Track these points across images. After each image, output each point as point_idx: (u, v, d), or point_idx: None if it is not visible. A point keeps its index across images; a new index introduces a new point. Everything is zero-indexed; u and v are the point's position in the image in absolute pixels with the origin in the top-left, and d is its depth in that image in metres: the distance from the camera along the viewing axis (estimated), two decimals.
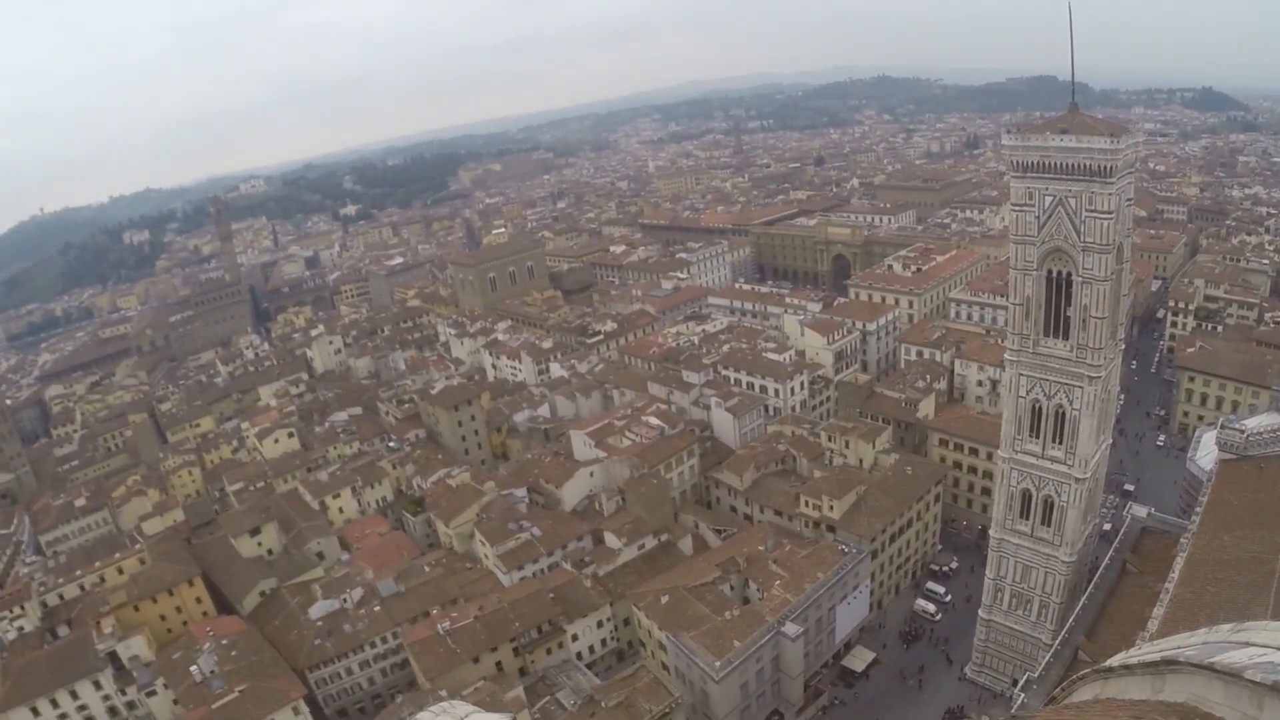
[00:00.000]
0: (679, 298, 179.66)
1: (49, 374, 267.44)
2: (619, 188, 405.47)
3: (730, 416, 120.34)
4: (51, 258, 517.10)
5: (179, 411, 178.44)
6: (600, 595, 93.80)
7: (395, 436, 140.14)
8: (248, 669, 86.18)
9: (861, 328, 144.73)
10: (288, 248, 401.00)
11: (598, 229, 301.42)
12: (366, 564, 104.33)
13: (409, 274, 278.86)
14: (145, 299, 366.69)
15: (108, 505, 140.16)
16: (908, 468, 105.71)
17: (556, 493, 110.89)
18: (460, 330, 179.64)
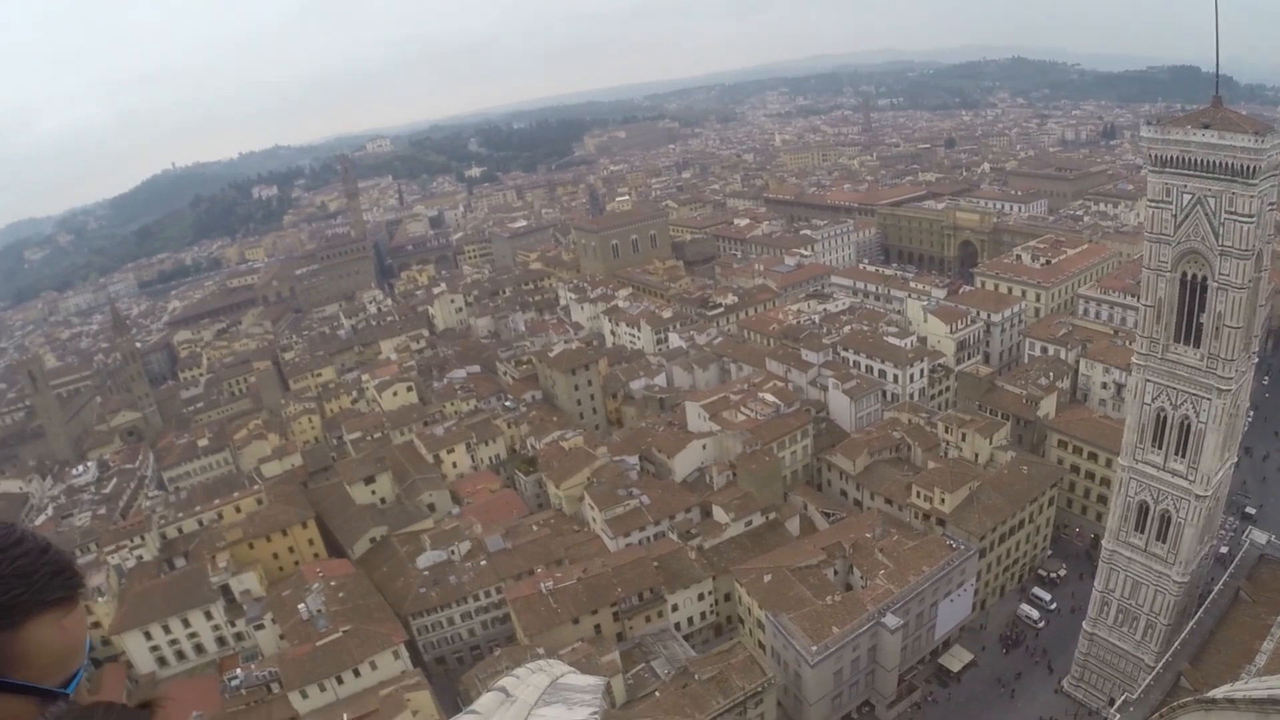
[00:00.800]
0: (801, 275, 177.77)
1: (178, 320, 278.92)
2: (745, 160, 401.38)
3: (847, 399, 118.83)
4: (182, 210, 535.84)
5: (301, 361, 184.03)
6: (703, 568, 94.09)
7: (512, 396, 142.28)
8: (353, 611, 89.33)
9: (986, 318, 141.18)
10: (412, 207, 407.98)
11: (722, 201, 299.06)
12: (476, 519, 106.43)
13: (532, 237, 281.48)
14: (272, 252, 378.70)
15: (229, 447, 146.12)
16: (1024, 467, 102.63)
17: (668, 463, 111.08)
18: (581, 295, 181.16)
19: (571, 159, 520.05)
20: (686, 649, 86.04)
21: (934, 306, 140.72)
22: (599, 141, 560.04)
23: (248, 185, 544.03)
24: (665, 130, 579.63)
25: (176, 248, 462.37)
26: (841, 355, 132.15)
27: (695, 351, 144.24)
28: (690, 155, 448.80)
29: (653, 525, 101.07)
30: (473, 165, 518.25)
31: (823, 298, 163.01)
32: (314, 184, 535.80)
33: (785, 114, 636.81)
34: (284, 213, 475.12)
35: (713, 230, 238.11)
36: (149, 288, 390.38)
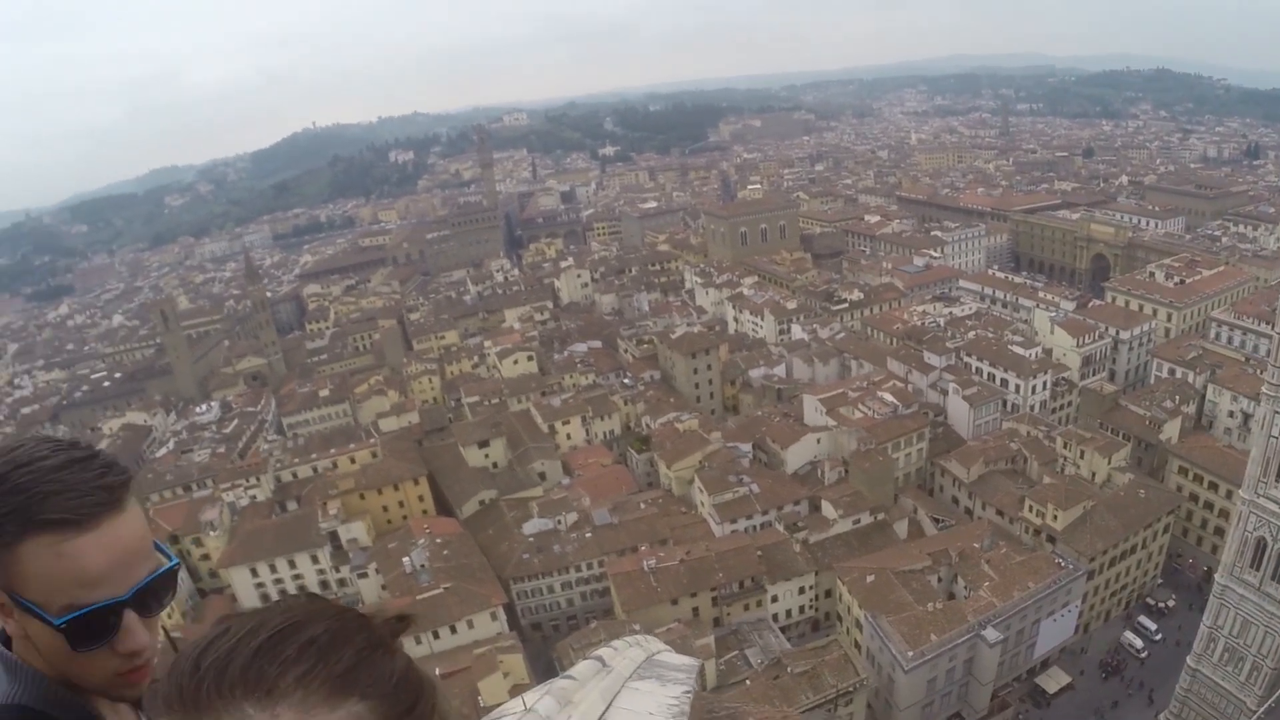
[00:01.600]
0: (929, 276, 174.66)
1: (308, 273, 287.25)
2: (879, 157, 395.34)
3: (966, 405, 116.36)
4: (320, 168, 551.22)
5: (426, 322, 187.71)
6: (807, 562, 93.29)
7: (631, 374, 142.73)
8: (456, 569, 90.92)
9: (1114, 334, 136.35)
10: (545, 181, 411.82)
11: (854, 196, 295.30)
12: (585, 491, 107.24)
13: (661, 219, 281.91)
14: (405, 215, 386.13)
15: (349, 399, 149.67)
16: (1141, 490, 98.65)
17: (781, 453, 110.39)
18: (707, 280, 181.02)
19: (706, 144, 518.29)
20: (782, 641, 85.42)
21: (1062, 318, 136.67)
22: (734, 128, 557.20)
23: (385, 148, 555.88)
24: (800, 121, 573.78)
25: (312, 204, 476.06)
26: (964, 360, 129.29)
27: (817, 345, 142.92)
28: (824, 148, 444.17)
29: (760, 514, 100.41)
30: (607, 144, 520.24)
31: (949, 301, 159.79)
32: (450, 151, 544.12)
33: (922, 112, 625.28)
34: (419, 177, 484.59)
35: (843, 225, 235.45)
36: (283, 240, 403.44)
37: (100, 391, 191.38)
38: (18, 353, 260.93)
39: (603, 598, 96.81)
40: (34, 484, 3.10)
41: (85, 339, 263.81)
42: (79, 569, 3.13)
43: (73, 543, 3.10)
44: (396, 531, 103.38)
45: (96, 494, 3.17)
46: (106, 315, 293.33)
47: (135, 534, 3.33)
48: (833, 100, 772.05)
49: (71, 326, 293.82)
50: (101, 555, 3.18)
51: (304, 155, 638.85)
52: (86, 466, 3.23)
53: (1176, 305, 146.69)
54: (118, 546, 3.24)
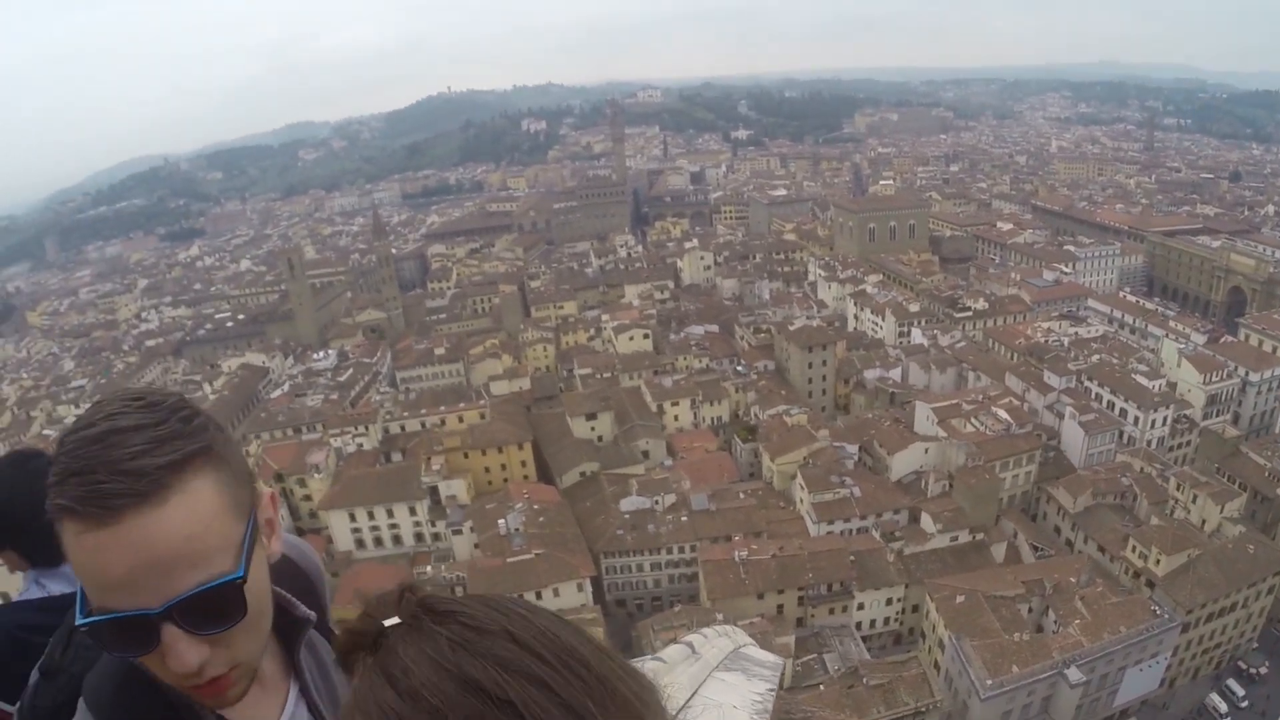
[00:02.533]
0: (1057, 292, 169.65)
1: (434, 234, 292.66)
2: (1016, 162, 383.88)
3: (1081, 432, 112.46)
4: (452, 132, 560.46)
5: (546, 291, 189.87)
6: (899, 573, 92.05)
7: (745, 362, 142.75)
8: (549, 537, 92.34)
9: (1244, 375, 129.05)
10: (675, 160, 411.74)
11: (987, 201, 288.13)
12: (686, 474, 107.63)
13: (789, 207, 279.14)
14: (533, 183, 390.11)
15: (463, 359, 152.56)
16: (1250, 545, 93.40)
17: (886, 459, 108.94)
18: (830, 274, 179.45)
19: (840, 134, 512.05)
20: (862, 650, 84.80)
21: (1191, 352, 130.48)
22: (870, 121, 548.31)
23: (518, 116, 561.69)
24: (938, 119, 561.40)
25: (442, 166, 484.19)
26: (1084, 385, 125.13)
27: (936, 351, 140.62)
28: (961, 148, 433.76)
29: (858, 518, 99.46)
30: (740, 127, 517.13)
31: (1076, 320, 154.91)
32: (581, 124, 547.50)
33: (1064, 119, 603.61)
34: (549, 147, 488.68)
35: (973, 230, 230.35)
36: (411, 200, 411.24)
37: (223, 331, 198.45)
38: (147, 288, 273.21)
39: (690, 582, 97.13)
40: (67, 456, 2.54)
41: (212, 280, 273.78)
42: (96, 568, 2.52)
43: (90, 537, 2.49)
44: (495, 493, 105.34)
45: (118, 480, 2.49)
46: (235, 259, 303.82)
47: (177, 533, 2.57)
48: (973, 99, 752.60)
49: (200, 267, 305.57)
50: (123, 556, 2.51)
51: (437, 118, 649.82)
52: (128, 439, 2.56)
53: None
54: (147, 548, 2.53)
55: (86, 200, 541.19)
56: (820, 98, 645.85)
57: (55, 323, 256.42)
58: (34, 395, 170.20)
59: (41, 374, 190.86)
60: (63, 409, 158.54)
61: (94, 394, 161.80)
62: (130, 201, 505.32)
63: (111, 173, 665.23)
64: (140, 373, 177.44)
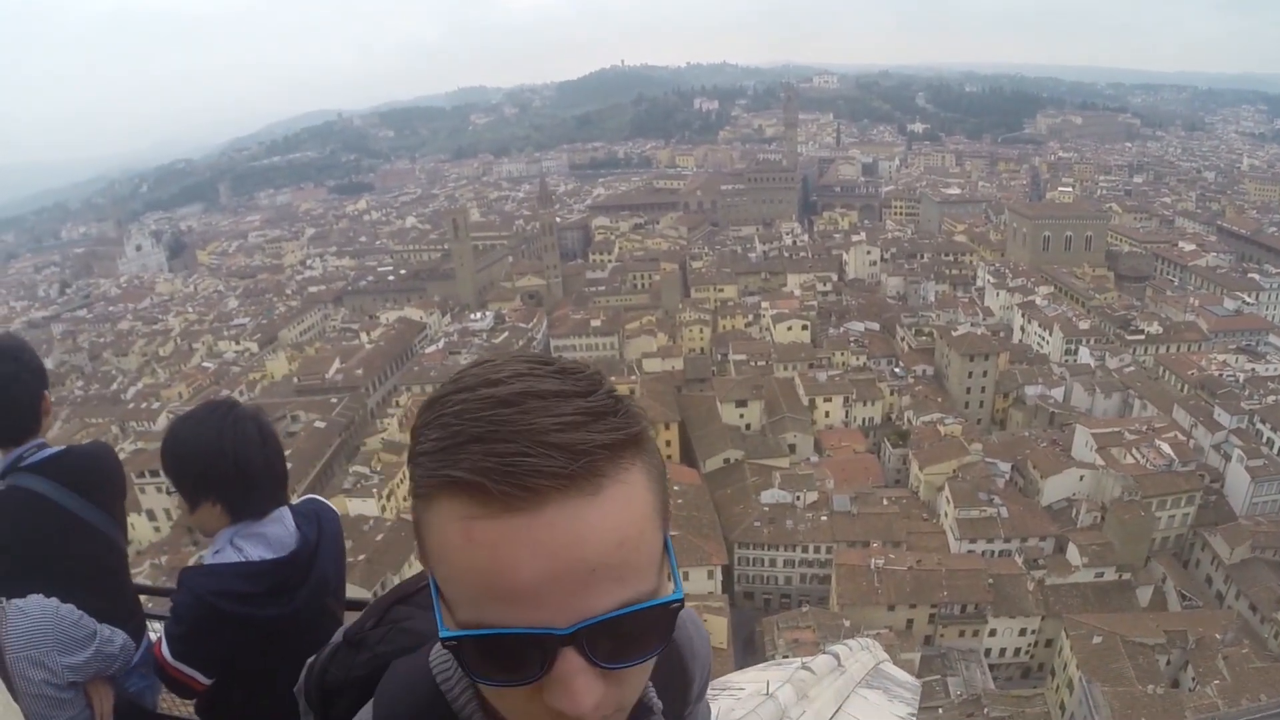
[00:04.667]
0: (1238, 323, 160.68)
1: (599, 206, 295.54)
2: (1204, 178, 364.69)
3: (1248, 477, 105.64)
4: (624, 105, 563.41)
5: (707, 272, 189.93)
6: (1037, 603, 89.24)
7: (903, 364, 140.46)
8: (686, 520, 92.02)
9: None
10: (848, 149, 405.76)
11: (1170, 218, 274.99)
12: (830, 473, 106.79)
13: (962, 207, 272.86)
14: (702, 163, 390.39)
15: (618, 333, 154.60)
16: None
17: (1039, 481, 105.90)
18: (1000, 281, 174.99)
19: (1020, 134, 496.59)
20: (988, 679, 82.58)
21: None
22: (1052, 123, 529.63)
23: (690, 94, 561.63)
24: (1124, 125, 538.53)
25: (611, 139, 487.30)
26: (1256, 426, 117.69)
27: (1102, 374, 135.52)
28: (1146, 159, 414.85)
29: (1002, 540, 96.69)
30: (917, 120, 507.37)
31: (1254, 355, 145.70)
32: (754, 106, 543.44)
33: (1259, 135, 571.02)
34: (720, 128, 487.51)
35: (1153, 247, 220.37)
36: (578, 170, 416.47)
37: (384, 284, 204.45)
38: (314, 237, 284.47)
39: (821, 584, 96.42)
40: (461, 417, 1.74)
41: (378, 234, 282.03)
42: (494, 567, 1.70)
43: (492, 525, 1.68)
44: None
45: (545, 455, 1.67)
46: (401, 216, 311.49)
47: (611, 534, 1.72)
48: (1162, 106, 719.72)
49: (366, 221, 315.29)
50: (536, 555, 1.68)
51: (609, 91, 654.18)
52: (555, 406, 1.72)
53: None
54: (570, 548, 1.70)
55: (261, 149, 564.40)
56: (1001, 94, 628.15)
57: (223, 263, 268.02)
58: (197, 329, 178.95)
59: (206, 309, 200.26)
60: (223, 344, 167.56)
61: (255, 333, 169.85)
62: (303, 153, 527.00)
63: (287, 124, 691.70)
64: (301, 316, 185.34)
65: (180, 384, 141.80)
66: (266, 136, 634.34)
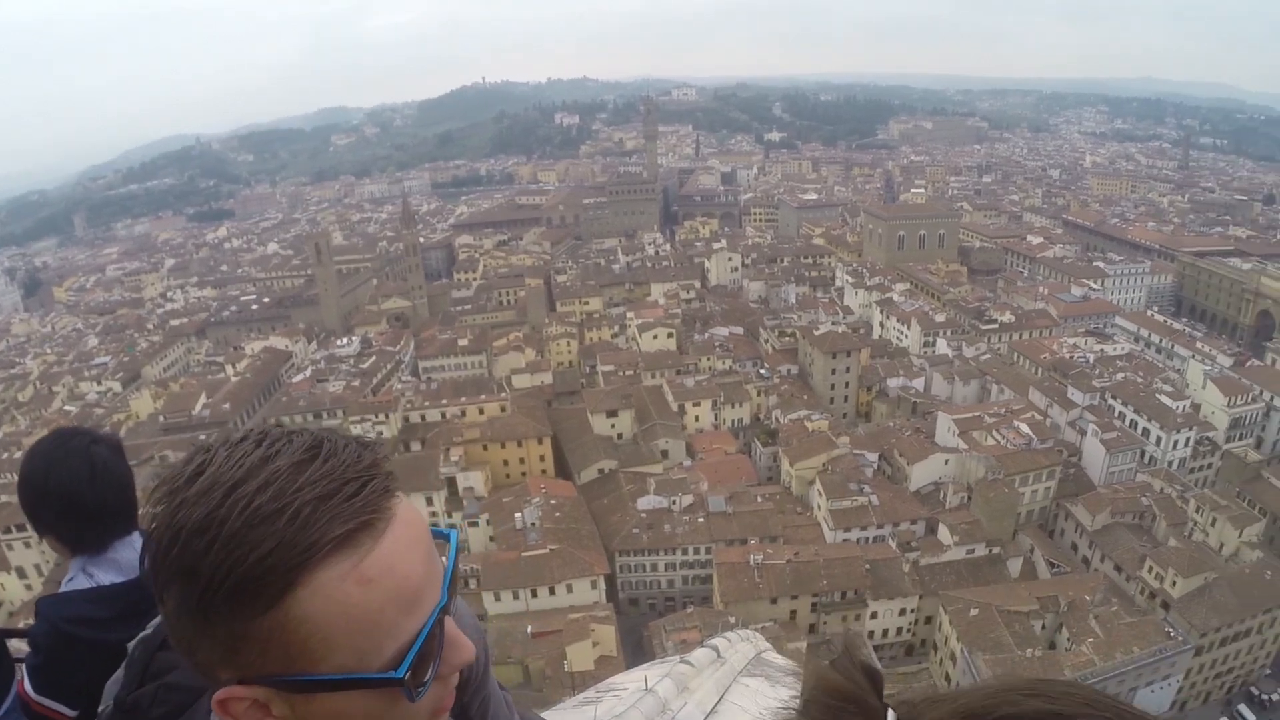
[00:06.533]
0: (1085, 308, 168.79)
1: (462, 224, 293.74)
2: (1049, 176, 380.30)
3: (1103, 450, 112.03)
4: (485, 122, 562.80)
5: (572, 286, 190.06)
6: (914, 584, 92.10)
7: (768, 365, 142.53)
8: (565, 533, 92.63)
9: (1269, 399, 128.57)
10: (707, 160, 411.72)
11: (1018, 214, 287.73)
12: (704, 475, 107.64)
13: (819, 212, 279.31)
14: (564, 178, 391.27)
15: (486, 351, 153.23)
16: (1268, 571, 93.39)
17: (906, 469, 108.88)
18: (858, 280, 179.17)
19: (873, 140, 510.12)
20: (873, 660, 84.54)
21: (1217, 374, 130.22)
22: (904, 128, 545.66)
23: (551, 110, 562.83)
24: (973, 129, 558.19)
25: (473, 157, 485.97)
26: (1108, 402, 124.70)
27: (960, 363, 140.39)
28: (994, 159, 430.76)
29: (875, 527, 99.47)
30: (773, 129, 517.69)
31: (1102, 337, 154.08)
32: (615, 120, 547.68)
33: (1100, 134, 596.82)
34: (581, 142, 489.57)
35: (1003, 242, 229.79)
36: (441, 189, 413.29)
37: (247, 313, 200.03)
38: (174, 268, 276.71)
39: (704, 584, 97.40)
40: (285, 502, 1.94)
41: (239, 262, 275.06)
42: (396, 588, 2.03)
43: (374, 556, 2.00)
44: (513, 487, 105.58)
45: (373, 476, 2.13)
46: (262, 242, 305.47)
47: (414, 508, 2.25)
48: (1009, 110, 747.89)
49: (227, 249, 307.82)
50: (413, 556, 2.11)
51: (471, 108, 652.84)
52: (344, 446, 2.15)
53: None
54: (417, 531, 2.21)
55: (117, 178, 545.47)
56: (855, 102, 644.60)
57: (81, 299, 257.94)
58: (56, 370, 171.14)
59: (65, 349, 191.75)
60: (85, 385, 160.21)
61: (117, 372, 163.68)
62: (161, 180, 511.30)
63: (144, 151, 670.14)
64: (164, 351, 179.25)
65: (41, 430, 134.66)
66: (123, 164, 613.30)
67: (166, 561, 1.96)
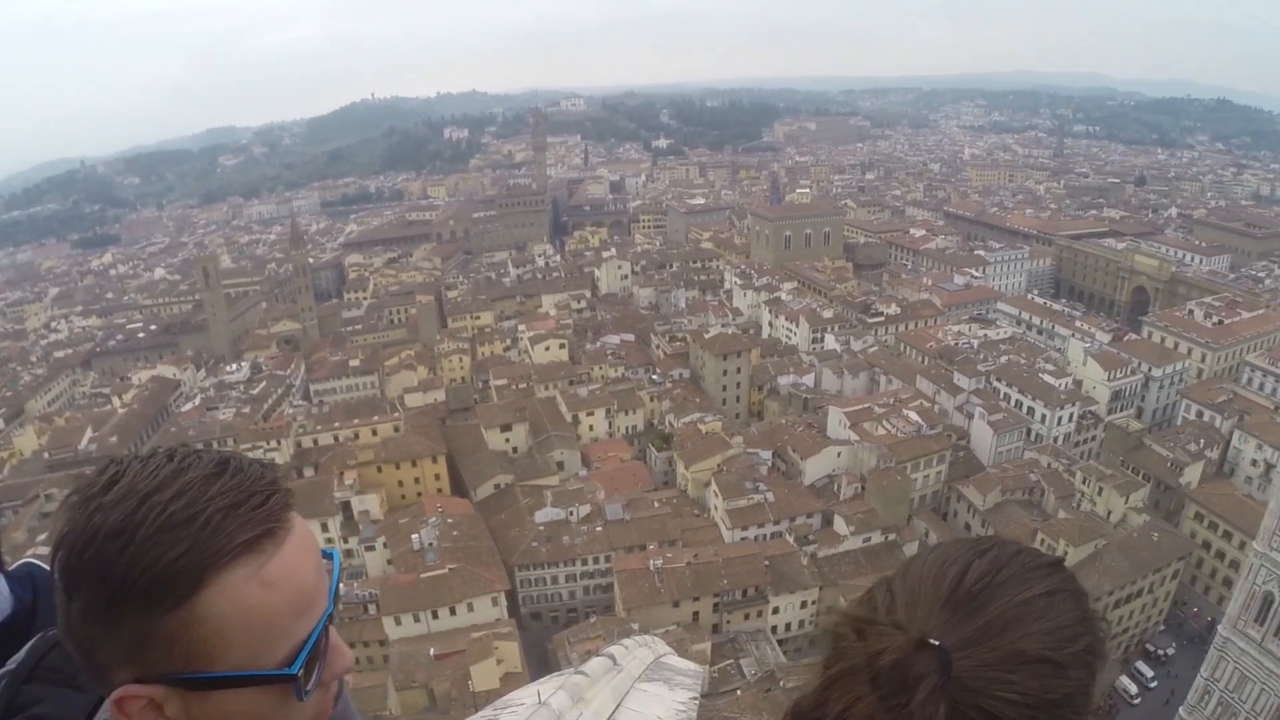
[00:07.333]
0: (968, 296, 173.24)
1: (352, 243, 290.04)
2: (930, 170, 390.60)
3: (990, 431, 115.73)
4: (374, 139, 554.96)
5: (463, 301, 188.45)
6: (813, 576, 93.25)
7: (660, 371, 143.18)
8: (463, 551, 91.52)
9: (1147, 371, 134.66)
10: (595, 169, 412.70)
11: (901, 208, 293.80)
12: (601, 484, 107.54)
13: (707, 216, 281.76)
14: (454, 192, 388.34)
15: (378, 371, 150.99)
16: (1154, 534, 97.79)
17: (800, 464, 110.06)
18: (746, 281, 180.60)
19: (759, 144, 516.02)
20: (778, 654, 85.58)
21: (1096, 350, 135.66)
22: (789, 130, 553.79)
23: (441, 124, 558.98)
24: (856, 128, 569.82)
25: (363, 174, 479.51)
26: (993, 385, 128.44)
27: (849, 357, 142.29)
28: (877, 157, 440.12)
29: (772, 524, 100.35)
30: (661, 136, 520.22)
31: (985, 323, 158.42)
32: (504, 132, 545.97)
33: (978, 127, 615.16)
34: (471, 156, 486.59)
35: (887, 236, 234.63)
36: (330, 208, 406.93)
37: (134, 342, 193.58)
38: (58, 297, 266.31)
39: (605, 593, 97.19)
40: (197, 509, 2.29)
41: (126, 289, 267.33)
42: (293, 592, 2.39)
43: (275, 562, 2.36)
44: (409, 508, 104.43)
45: (264, 494, 2.47)
46: (149, 267, 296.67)
47: (306, 524, 2.65)
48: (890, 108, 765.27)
49: (113, 276, 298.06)
50: (306, 564, 2.48)
51: (360, 125, 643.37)
52: (224, 471, 2.46)
53: (1212, 346, 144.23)
54: (311, 543, 2.57)
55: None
56: (740, 107, 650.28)
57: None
58: None
59: None
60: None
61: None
62: (44, 206, 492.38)
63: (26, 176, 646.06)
64: (48, 385, 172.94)
65: None
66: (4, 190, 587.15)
67: (79, 564, 2.24)
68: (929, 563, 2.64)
